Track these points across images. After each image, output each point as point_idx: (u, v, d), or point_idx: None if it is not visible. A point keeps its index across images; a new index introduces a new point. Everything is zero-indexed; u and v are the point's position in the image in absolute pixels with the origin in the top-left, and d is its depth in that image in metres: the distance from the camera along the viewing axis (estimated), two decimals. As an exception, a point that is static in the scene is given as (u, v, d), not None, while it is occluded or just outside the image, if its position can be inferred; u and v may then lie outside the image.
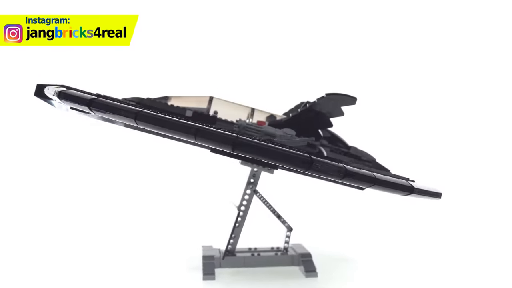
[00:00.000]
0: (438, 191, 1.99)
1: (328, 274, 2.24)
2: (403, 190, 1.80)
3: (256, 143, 1.68)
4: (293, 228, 2.40)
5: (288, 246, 2.41)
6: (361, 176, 1.76)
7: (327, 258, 2.52)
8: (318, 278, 2.19)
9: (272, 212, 2.44)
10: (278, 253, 2.39)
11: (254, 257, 2.37)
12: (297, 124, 2.16)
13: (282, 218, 2.40)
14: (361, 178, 1.76)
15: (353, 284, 2.14)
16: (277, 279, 2.21)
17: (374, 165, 2.27)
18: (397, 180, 1.84)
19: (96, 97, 1.88)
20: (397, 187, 1.80)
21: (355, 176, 1.74)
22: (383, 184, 1.77)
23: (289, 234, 2.40)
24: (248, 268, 2.35)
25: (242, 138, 1.71)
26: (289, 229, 2.39)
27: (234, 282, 2.23)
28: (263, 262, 2.35)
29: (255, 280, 2.23)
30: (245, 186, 2.40)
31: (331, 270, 2.30)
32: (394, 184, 1.80)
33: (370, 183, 1.75)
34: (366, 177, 1.76)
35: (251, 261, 2.35)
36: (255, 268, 2.36)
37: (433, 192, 1.98)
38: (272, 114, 2.32)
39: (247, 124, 2.10)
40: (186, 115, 2.29)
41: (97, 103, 1.78)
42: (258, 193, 2.39)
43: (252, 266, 2.35)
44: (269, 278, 2.23)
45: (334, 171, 1.72)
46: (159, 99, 2.39)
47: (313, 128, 2.18)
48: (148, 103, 2.35)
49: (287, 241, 2.40)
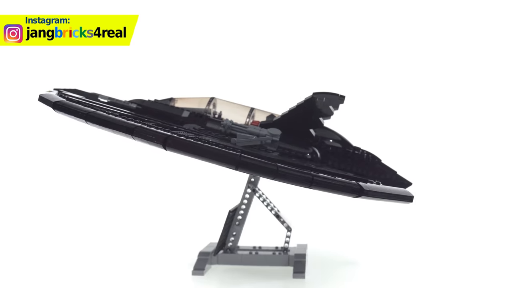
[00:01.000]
0: (408, 194, 1.90)
1: (317, 276, 2.24)
2: (348, 191, 1.74)
3: (187, 142, 1.71)
4: (292, 228, 2.40)
5: (288, 246, 2.41)
6: (295, 176, 1.71)
7: (329, 260, 2.52)
8: (305, 280, 2.19)
9: (270, 211, 2.44)
10: (276, 252, 2.40)
11: (251, 255, 2.39)
12: (287, 124, 2.17)
13: (282, 218, 2.41)
14: (295, 178, 1.71)
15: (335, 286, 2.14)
16: (263, 278, 2.23)
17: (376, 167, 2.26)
18: (342, 181, 1.77)
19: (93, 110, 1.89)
20: (340, 188, 1.73)
21: (287, 176, 1.70)
22: (322, 185, 1.72)
23: (289, 234, 2.40)
24: (244, 266, 2.37)
25: (176, 137, 1.74)
26: (288, 229, 2.39)
27: (220, 278, 2.25)
28: (260, 261, 2.37)
29: (242, 278, 2.24)
30: (245, 184, 2.41)
31: (324, 272, 2.29)
32: (335, 185, 1.74)
33: (307, 184, 1.72)
34: (301, 178, 1.71)
35: (248, 260, 2.37)
36: (252, 266, 2.37)
37: (396, 195, 1.88)
38: (272, 114, 2.33)
39: (232, 124, 2.13)
40: (182, 116, 2.33)
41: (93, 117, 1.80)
42: (257, 192, 2.40)
43: (249, 264, 2.37)
44: (256, 277, 2.24)
45: (264, 171, 1.70)
46: (164, 101, 2.43)
47: (303, 128, 2.17)
48: (149, 105, 2.38)
49: (287, 241, 2.41)
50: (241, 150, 1.79)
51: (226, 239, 2.44)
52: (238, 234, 2.45)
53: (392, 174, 2.22)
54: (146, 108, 2.35)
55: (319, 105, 2.14)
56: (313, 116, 2.14)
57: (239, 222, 2.45)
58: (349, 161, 2.23)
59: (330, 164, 2.22)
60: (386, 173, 2.22)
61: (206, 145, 1.70)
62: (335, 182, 1.73)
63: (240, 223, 2.45)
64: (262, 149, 2.05)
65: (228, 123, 2.15)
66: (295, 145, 2.18)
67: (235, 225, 2.44)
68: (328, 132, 2.27)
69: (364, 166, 2.22)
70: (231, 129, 2.13)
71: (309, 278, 2.22)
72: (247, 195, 2.43)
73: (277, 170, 1.69)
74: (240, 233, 2.46)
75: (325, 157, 2.23)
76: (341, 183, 1.74)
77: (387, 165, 2.25)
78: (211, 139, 1.94)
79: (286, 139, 2.14)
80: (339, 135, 2.29)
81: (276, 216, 2.42)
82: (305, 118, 2.15)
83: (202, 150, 1.67)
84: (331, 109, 2.13)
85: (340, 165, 2.22)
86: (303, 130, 2.17)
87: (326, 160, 2.22)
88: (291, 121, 2.17)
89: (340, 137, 2.27)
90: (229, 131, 2.13)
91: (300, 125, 2.16)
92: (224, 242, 2.43)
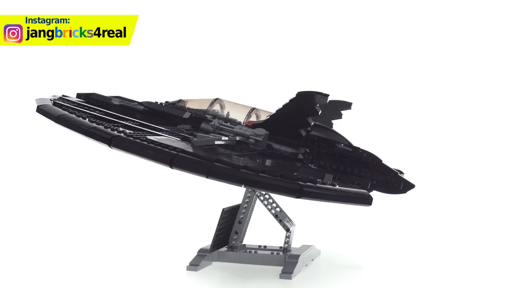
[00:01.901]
0: (364, 196, 1.80)
1: (306, 278, 2.23)
2: (287, 192, 1.70)
3: (129, 141, 1.79)
4: (290, 229, 2.39)
5: (288, 246, 2.40)
6: (227, 176, 1.71)
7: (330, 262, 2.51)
8: (292, 281, 2.18)
9: (269, 210, 2.44)
10: (275, 252, 2.40)
11: (249, 254, 2.40)
12: (276, 125, 2.17)
13: (280, 218, 2.41)
14: (227, 177, 1.71)
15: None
16: (253, 277, 2.23)
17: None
18: (281, 181, 1.72)
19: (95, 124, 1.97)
20: (278, 189, 1.70)
21: (218, 175, 1.71)
22: (258, 185, 1.71)
23: (288, 234, 2.40)
24: (243, 265, 2.38)
25: (121, 136, 1.82)
26: (286, 230, 2.39)
27: (211, 274, 2.27)
28: (257, 260, 2.38)
29: (232, 276, 2.26)
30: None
31: (317, 274, 2.29)
32: (273, 185, 1.70)
33: (239, 183, 1.71)
34: (234, 177, 1.70)
35: (246, 258, 2.39)
36: (250, 265, 2.37)
37: (346, 196, 1.80)
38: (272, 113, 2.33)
39: (220, 124, 2.15)
40: (183, 117, 2.39)
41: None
42: (257, 191, 2.40)
43: (246, 263, 2.38)
44: (247, 275, 2.25)
45: (196, 168, 1.72)
46: (175, 102, 2.50)
47: (292, 128, 2.17)
48: (154, 107, 2.45)
49: (286, 242, 2.41)
50: (182, 150, 1.79)
51: (230, 237, 2.45)
52: (241, 232, 2.46)
53: (393, 175, 2.19)
54: (152, 110, 2.42)
55: (304, 104, 2.12)
56: (300, 115, 2.14)
57: (241, 220, 2.45)
58: (347, 161, 2.20)
59: (322, 164, 2.20)
60: (386, 174, 2.19)
61: (143, 143, 1.77)
62: (272, 182, 1.70)
63: (242, 221, 2.46)
64: (247, 149, 2.06)
65: (216, 123, 2.17)
66: (285, 145, 2.18)
67: (237, 224, 2.45)
68: (326, 132, 2.26)
69: (361, 167, 2.19)
70: (219, 129, 2.15)
71: (282, 279, 2.19)
72: (249, 193, 2.43)
73: (209, 169, 1.70)
74: (242, 231, 2.46)
75: (319, 158, 2.21)
76: (280, 183, 1.70)
77: (388, 166, 2.21)
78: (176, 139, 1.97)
79: (277, 139, 2.15)
80: (339, 136, 2.27)
81: (274, 216, 2.42)
82: (292, 118, 2.15)
83: (136, 148, 1.76)
84: (316, 108, 2.12)
85: (332, 166, 2.19)
86: (292, 130, 2.17)
87: (318, 160, 2.20)
88: (279, 121, 2.18)
89: (338, 137, 2.25)
90: (218, 131, 2.15)
91: (289, 125, 2.17)
92: (224, 240, 2.44)
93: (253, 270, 2.33)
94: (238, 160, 1.87)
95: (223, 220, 2.39)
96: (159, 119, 2.39)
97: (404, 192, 2.20)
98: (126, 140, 1.81)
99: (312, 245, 2.55)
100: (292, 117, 2.15)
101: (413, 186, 2.20)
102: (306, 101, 2.11)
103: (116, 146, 1.82)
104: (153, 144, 1.79)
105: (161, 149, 1.77)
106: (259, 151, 2.12)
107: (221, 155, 1.87)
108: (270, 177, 1.73)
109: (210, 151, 1.92)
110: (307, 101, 2.11)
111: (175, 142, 1.93)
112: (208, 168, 1.71)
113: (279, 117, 2.18)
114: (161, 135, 2.02)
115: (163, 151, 1.75)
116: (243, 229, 2.47)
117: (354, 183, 2.17)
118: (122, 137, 1.84)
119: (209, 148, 1.96)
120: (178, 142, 1.95)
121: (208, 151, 1.92)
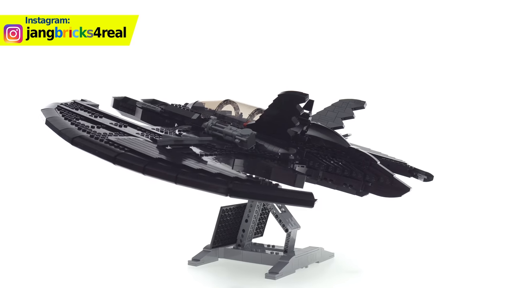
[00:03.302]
0: (306, 198, 1.68)
1: (293, 279, 2.23)
2: (216, 191, 1.69)
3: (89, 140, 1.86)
4: (288, 230, 2.39)
5: (287, 247, 2.40)
6: (130, 165, 1.76)
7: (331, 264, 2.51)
8: (275, 281, 2.18)
9: (269, 210, 2.45)
10: (274, 252, 2.41)
11: (251, 253, 2.43)
12: (265, 126, 2.19)
13: (280, 218, 2.41)
14: (128, 166, 1.76)
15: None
16: (244, 275, 2.27)
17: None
18: (208, 179, 1.71)
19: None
20: (206, 188, 1.69)
21: (151, 173, 1.74)
22: (189, 184, 1.70)
23: (288, 236, 2.40)
24: (244, 263, 2.41)
25: (83, 136, 1.88)
26: (285, 231, 2.40)
27: (210, 270, 2.34)
28: (256, 259, 2.41)
29: (228, 272, 2.32)
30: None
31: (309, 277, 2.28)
32: (200, 184, 1.69)
33: (172, 181, 1.71)
34: (165, 175, 1.72)
35: (248, 257, 2.42)
36: (252, 264, 2.40)
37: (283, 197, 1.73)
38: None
39: (213, 125, 2.18)
40: (192, 118, 2.43)
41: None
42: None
43: (248, 261, 2.42)
44: (241, 274, 2.30)
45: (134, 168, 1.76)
46: (194, 104, 2.57)
47: (280, 128, 2.17)
48: (168, 108, 2.52)
49: (287, 242, 2.41)
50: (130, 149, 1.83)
51: (237, 235, 2.49)
52: (247, 230, 2.49)
53: (388, 177, 2.13)
54: (167, 112, 2.51)
55: (286, 104, 2.12)
56: (284, 116, 2.14)
57: (248, 219, 2.48)
58: (338, 162, 2.18)
59: (310, 164, 2.19)
60: (380, 176, 2.13)
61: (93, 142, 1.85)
62: (200, 181, 1.70)
63: (249, 220, 2.48)
64: (235, 149, 2.08)
65: (209, 124, 2.19)
66: (276, 146, 2.17)
67: (244, 222, 2.49)
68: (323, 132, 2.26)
69: (354, 169, 2.15)
70: (212, 129, 2.17)
71: (267, 279, 2.20)
72: None
73: (144, 168, 1.73)
74: (249, 229, 2.49)
75: (308, 158, 2.20)
76: (207, 182, 1.69)
77: (383, 168, 2.16)
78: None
79: (270, 140, 2.16)
80: (336, 136, 2.26)
81: (275, 216, 2.42)
82: (278, 118, 2.16)
83: (85, 146, 1.84)
84: (297, 108, 2.11)
85: (320, 166, 2.18)
86: (281, 130, 2.17)
87: (308, 161, 2.19)
88: (267, 122, 2.19)
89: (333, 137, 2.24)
90: (211, 132, 2.17)
91: (276, 126, 2.17)
92: (227, 237, 2.48)
93: (253, 269, 2.34)
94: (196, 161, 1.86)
95: (223, 218, 2.43)
96: (173, 121, 2.49)
97: (398, 195, 2.13)
98: (87, 139, 1.87)
99: (319, 247, 2.53)
100: (278, 117, 2.16)
101: (407, 189, 2.12)
102: (287, 101, 2.11)
103: (76, 145, 1.88)
104: (108, 144, 1.84)
105: (108, 147, 1.83)
106: (245, 151, 2.11)
107: (166, 154, 1.88)
108: (198, 176, 1.72)
109: (173, 152, 1.92)
110: (288, 101, 2.11)
111: (137, 143, 1.93)
112: (144, 168, 1.75)
113: (267, 117, 2.20)
114: (133, 136, 2.02)
115: (108, 149, 1.81)
116: (249, 228, 2.49)
117: (346, 184, 2.15)
118: (85, 136, 1.89)
119: (179, 148, 1.95)
120: (141, 142, 1.95)
121: (172, 151, 1.92)
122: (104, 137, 1.90)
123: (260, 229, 2.66)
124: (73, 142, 1.88)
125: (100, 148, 1.82)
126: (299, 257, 2.35)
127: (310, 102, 2.30)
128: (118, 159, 1.77)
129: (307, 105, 2.27)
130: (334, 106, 2.62)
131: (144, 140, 1.96)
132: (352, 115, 2.60)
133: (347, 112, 2.59)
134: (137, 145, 1.88)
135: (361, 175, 2.13)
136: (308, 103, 2.30)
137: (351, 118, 2.60)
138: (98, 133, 1.94)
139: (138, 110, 2.60)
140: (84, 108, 2.35)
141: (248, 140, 2.05)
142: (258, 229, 2.64)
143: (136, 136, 2.02)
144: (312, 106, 2.29)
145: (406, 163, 2.65)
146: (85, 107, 2.36)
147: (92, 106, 2.40)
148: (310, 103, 2.30)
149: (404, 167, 2.63)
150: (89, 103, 2.46)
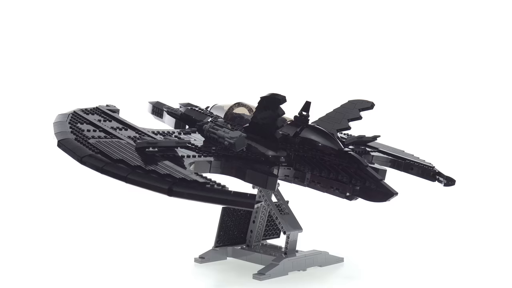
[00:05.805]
0: (245, 200, 1.68)
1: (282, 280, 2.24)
2: (157, 190, 1.72)
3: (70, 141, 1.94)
4: (286, 232, 2.39)
5: (286, 249, 2.40)
6: (91, 165, 1.83)
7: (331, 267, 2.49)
8: (261, 282, 2.19)
9: (270, 211, 2.45)
10: (273, 253, 2.42)
11: (253, 253, 2.47)
12: (255, 129, 2.23)
13: (279, 220, 2.40)
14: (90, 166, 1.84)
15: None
16: (237, 274, 2.31)
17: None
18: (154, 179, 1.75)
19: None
20: (150, 188, 1.73)
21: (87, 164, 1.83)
22: (135, 183, 1.75)
23: (287, 238, 2.40)
24: (248, 263, 2.45)
25: (68, 139, 1.95)
26: (283, 233, 2.40)
27: (213, 268, 2.39)
28: (257, 259, 2.44)
29: (229, 271, 2.37)
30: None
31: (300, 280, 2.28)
32: (144, 183, 1.74)
33: (123, 180, 1.76)
34: (112, 173, 1.78)
35: (252, 257, 2.47)
36: (254, 264, 2.42)
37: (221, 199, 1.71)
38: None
39: (210, 127, 2.20)
40: (204, 121, 2.44)
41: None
42: (261, 190, 2.40)
43: (250, 261, 2.46)
44: (236, 273, 2.33)
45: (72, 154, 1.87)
46: (212, 107, 2.62)
47: (267, 131, 2.20)
48: (188, 112, 2.55)
49: (286, 245, 2.40)
50: (100, 152, 1.88)
51: (246, 235, 2.54)
52: (255, 231, 2.52)
53: (374, 181, 2.09)
54: (184, 115, 2.55)
55: (268, 107, 2.16)
56: (267, 119, 2.18)
57: (255, 220, 2.51)
58: (326, 165, 2.17)
59: (297, 167, 2.21)
60: (366, 180, 2.10)
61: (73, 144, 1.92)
62: (145, 182, 1.74)
63: (256, 221, 2.51)
64: (226, 151, 2.09)
65: (207, 126, 2.21)
66: (265, 148, 2.19)
67: (251, 223, 2.52)
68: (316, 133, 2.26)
69: (340, 172, 2.13)
70: (208, 132, 2.19)
71: (254, 279, 2.22)
72: (261, 194, 2.44)
73: (102, 168, 1.80)
74: (256, 230, 2.51)
75: (295, 160, 2.21)
76: (152, 182, 1.73)
77: (371, 171, 2.13)
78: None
79: (260, 142, 2.19)
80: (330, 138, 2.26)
81: (275, 218, 2.42)
82: (263, 122, 2.20)
83: (66, 147, 1.93)
84: (279, 110, 2.14)
85: (306, 169, 2.19)
86: (268, 133, 2.20)
87: (294, 163, 2.21)
88: (255, 126, 2.23)
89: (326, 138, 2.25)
90: (209, 134, 2.19)
91: (264, 129, 2.21)
92: (233, 237, 2.52)
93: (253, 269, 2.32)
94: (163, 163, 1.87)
95: (224, 218, 2.47)
96: (188, 124, 2.52)
97: (385, 200, 2.09)
98: (71, 142, 1.94)
99: (323, 251, 2.50)
100: (264, 120, 2.20)
101: (394, 194, 2.07)
102: (269, 103, 2.15)
103: (60, 147, 1.95)
104: (85, 146, 1.91)
105: (81, 148, 1.90)
106: (235, 153, 2.11)
107: (136, 156, 1.90)
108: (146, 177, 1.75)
109: (149, 154, 1.93)
110: (269, 103, 2.15)
111: (115, 146, 1.95)
112: (102, 167, 1.81)
113: (256, 120, 2.23)
114: (123, 139, 2.05)
115: (81, 150, 1.88)
116: (257, 228, 2.51)
117: (333, 187, 2.14)
118: (69, 140, 1.96)
119: (160, 150, 1.95)
120: (121, 145, 1.98)
121: (147, 154, 1.92)
122: (87, 139, 1.96)
123: (275, 230, 2.64)
124: (58, 143, 1.96)
125: (75, 149, 1.90)
126: (293, 259, 2.34)
127: (307, 103, 2.31)
128: (84, 160, 1.85)
129: (304, 107, 2.31)
130: (342, 107, 2.59)
131: (127, 143, 2.00)
132: (358, 116, 2.56)
133: (354, 113, 2.55)
134: (112, 148, 1.92)
135: (347, 178, 2.12)
136: (306, 105, 2.31)
137: (358, 119, 2.56)
138: (87, 136, 1.99)
139: (165, 114, 2.66)
140: (100, 112, 2.35)
141: (236, 142, 2.04)
142: (272, 231, 2.63)
143: (122, 139, 2.04)
144: (309, 107, 2.31)
145: (434, 167, 2.63)
146: (102, 112, 2.35)
147: (110, 112, 2.40)
148: (307, 104, 2.31)
149: (428, 171, 2.58)
150: (110, 108, 2.46)
